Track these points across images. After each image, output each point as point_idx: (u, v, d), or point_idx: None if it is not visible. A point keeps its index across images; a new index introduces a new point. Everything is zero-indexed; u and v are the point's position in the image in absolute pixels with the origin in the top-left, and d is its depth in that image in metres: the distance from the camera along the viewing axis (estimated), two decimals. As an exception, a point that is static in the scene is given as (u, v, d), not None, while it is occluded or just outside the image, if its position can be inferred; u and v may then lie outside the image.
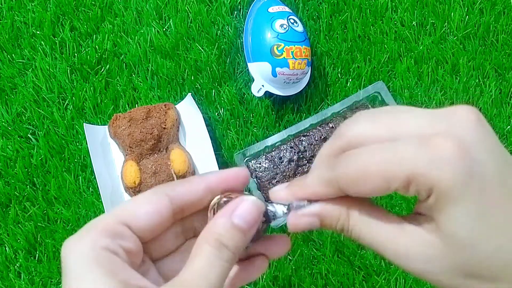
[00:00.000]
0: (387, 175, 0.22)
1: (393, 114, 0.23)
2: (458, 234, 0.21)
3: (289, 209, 0.26)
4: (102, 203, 0.60)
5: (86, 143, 0.62)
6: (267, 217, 0.26)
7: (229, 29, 0.69)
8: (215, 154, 0.62)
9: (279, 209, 0.26)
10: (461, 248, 0.21)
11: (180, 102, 0.66)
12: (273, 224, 0.25)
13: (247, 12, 0.68)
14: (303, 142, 0.63)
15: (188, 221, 0.28)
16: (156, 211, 0.25)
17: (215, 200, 0.26)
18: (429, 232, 0.22)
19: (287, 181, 0.29)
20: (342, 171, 0.23)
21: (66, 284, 0.23)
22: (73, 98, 0.66)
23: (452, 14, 0.71)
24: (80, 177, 0.63)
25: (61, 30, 0.69)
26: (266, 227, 0.27)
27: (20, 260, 0.59)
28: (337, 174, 0.23)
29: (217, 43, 0.68)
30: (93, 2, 0.70)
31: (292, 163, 0.62)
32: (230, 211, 0.24)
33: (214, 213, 0.26)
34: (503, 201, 0.21)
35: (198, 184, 0.26)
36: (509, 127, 0.67)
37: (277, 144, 0.63)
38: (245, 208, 0.24)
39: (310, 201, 0.26)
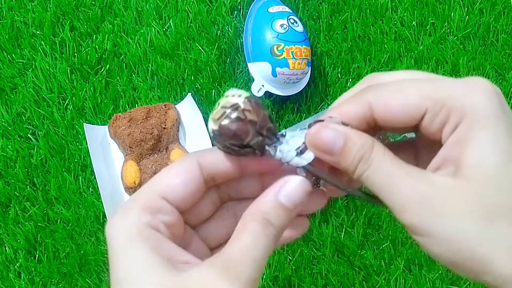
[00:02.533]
0: (423, 93, 0.22)
1: (428, 73, 0.25)
2: (485, 164, 0.21)
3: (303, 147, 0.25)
4: (102, 203, 0.60)
5: (86, 143, 0.62)
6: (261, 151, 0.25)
7: (229, 29, 0.69)
8: (215, 154, 0.62)
9: (292, 146, 0.25)
10: (486, 182, 0.21)
11: (180, 102, 0.66)
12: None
13: (247, 12, 0.68)
14: (303, 142, 0.63)
15: (223, 189, 0.28)
16: (190, 181, 0.25)
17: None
18: (450, 175, 0.22)
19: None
20: (377, 86, 0.24)
21: (112, 262, 0.23)
22: (73, 98, 0.66)
23: (452, 14, 0.71)
24: (80, 177, 0.63)
25: (61, 30, 0.68)
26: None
27: (20, 260, 0.59)
28: (370, 90, 0.24)
29: (217, 43, 0.68)
30: (93, 2, 0.70)
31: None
32: (277, 189, 0.24)
33: None
34: None
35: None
36: (509, 127, 0.67)
37: (277, 144, 0.63)
38: (292, 187, 0.24)
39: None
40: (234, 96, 0.24)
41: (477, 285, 0.59)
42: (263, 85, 0.63)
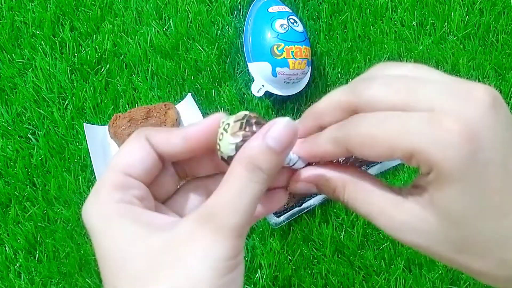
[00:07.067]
0: (392, 144, 0.22)
1: (410, 80, 0.23)
2: (452, 211, 0.22)
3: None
4: (102, 203, 0.60)
5: (86, 143, 0.62)
6: None
7: (229, 29, 0.69)
8: (215, 154, 0.62)
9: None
10: (454, 225, 0.22)
11: (180, 102, 0.66)
12: None
13: (247, 12, 0.68)
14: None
15: (179, 166, 0.28)
16: (145, 157, 0.26)
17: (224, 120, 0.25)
18: (424, 207, 0.23)
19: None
20: (352, 133, 0.23)
21: (98, 244, 0.24)
22: (73, 98, 0.66)
23: (452, 14, 0.71)
24: (80, 177, 0.63)
25: (61, 30, 0.68)
26: None
27: (20, 260, 0.59)
28: (346, 134, 0.24)
29: (217, 43, 0.68)
30: (93, 2, 0.70)
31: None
32: (263, 133, 0.23)
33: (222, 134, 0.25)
34: (502, 187, 0.22)
35: (176, 137, 0.26)
36: (509, 127, 0.67)
37: (277, 144, 0.63)
38: (279, 129, 0.23)
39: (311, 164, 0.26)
40: (238, 115, 0.25)
41: (477, 285, 0.59)
42: (263, 85, 0.63)
